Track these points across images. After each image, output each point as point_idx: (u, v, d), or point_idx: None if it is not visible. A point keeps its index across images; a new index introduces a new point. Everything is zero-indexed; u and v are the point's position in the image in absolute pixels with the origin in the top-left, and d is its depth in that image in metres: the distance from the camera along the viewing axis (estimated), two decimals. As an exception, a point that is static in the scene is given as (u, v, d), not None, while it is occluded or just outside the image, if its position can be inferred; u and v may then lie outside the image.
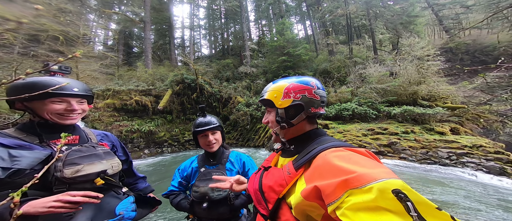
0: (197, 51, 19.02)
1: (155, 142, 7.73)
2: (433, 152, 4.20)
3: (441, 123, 5.00)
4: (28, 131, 0.71)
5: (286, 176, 0.49)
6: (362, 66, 8.53)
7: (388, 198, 0.30)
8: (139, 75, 9.95)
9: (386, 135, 5.22)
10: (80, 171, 0.70)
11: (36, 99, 0.68)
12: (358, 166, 0.36)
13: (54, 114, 0.72)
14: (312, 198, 0.40)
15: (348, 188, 0.34)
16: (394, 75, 6.93)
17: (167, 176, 4.63)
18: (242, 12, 15.15)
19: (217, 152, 1.06)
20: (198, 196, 0.94)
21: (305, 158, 0.48)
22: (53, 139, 0.73)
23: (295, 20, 20.86)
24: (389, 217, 0.29)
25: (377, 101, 6.59)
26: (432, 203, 0.30)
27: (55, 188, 0.66)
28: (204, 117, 1.05)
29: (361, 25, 12.83)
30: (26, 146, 0.66)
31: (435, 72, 6.21)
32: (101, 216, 0.71)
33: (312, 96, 0.55)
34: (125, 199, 0.81)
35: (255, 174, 0.63)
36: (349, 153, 0.42)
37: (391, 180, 0.32)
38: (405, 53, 7.05)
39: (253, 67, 12.28)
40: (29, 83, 0.68)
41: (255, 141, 8.25)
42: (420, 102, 5.79)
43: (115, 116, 7.38)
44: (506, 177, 3.16)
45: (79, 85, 0.78)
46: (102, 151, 0.81)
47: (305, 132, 0.57)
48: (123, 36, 13.85)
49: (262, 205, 0.53)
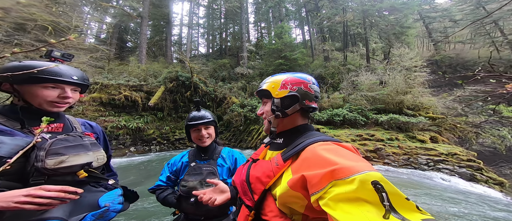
0: (194, 50, 18.91)
1: (142, 139, 7.52)
2: (413, 158, 4.41)
3: (422, 131, 5.24)
4: (9, 115, 0.64)
5: (274, 167, 0.50)
6: (355, 73, 8.76)
7: (367, 189, 0.32)
8: (131, 70, 9.74)
9: (373, 141, 5.38)
10: (64, 162, 0.63)
11: (28, 82, 0.62)
12: (344, 159, 0.38)
13: (45, 100, 0.66)
14: (297, 188, 0.41)
15: (333, 179, 0.35)
16: (383, 84, 7.16)
17: (152, 175, 4.52)
18: (242, 13, 15.25)
19: (209, 147, 1.03)
20: (186, 190, 0.90)
21: (294, 150, 0.49)
22: (36, 125, 0.66)
23: (294, 25, 21.20)
24: (366, 207, 0.31)
25: (367, 109, 6.78)
26: (402, 193, 0.33)
27: (32, 180, 0.59)
28: (199, 111, 1.03)
29: (356, 33, 13.21)
30: (6, 131, 0.60)
31: (421, 83, 6.50)
32: (80, 210, 0.64)
33: (307, 89, 0.58)
34: (112, 191, 0.76)
35: (243, 166, 0.63)
36: (336, 147, 0.43)
37: (371, 172, 0.34)
38: (395, 63, 7.32)
39: (250, 68, 12.33)
40: (27, 65, 0.62)
41: (248, 142, 8.24)
42: (405, 112, 6.03)
43: (101, 111, 7.15)
44: (475, 182, 3.45)
45: (77, 73, 0.73)
46: (89, 142, 0.75)
47: (296, 125, 0.59)
48: (117, 30, 13.56)
49: (248, 196, 0.53)
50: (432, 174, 3.88)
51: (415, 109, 6.11)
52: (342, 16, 10.99)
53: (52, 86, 0.67)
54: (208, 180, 0.81)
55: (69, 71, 0.70)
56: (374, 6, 10.28)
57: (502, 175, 3.36)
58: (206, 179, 0.89)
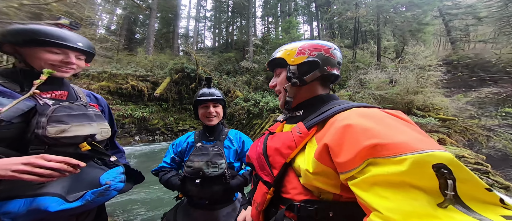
0: (200, 42, 18.97)
1: (147, 129, 7.76)
2: None
3: (431, 132, 5.00)
4: (10, 77, 0.61)
5: (296, 136, 0.42)
6: (363, 71, 8.44)
7: (424, 173, 0.23)
8: (139, 61, 9.98)
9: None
10: (66, 131, 0.59)
11: (31, 45, 0.60)
12: (392, 131, 0.28)
13: (47, 63, 0.62)
14: (326, 161, 0.33)
15: (372, 156, 0.27)
16: (393, 83, 6.86)
17: (155, 164, 4.71)
18: (249, 7, 14.95)
19: (216, 127, 0.99)
20: (191, 171, 0.85)
21: (320, 117, 0.41)
22: (40, 90, 0.61)
23: (302, 20, 20.56)
24: (412, 194, 0.23)
25: (373, 108, 6.57)
26: (482, 182, 0.24)
27: (31, 149, 0.55)
28: (209, 88, 0.99)
29: (368, 30, 12.60)
30: (6, 93, 0.56)
31: (434, 83, 6.16)
32: (79, 187, 0.60)
33: (329, 55, 0.50)
34: (114, 169, 0.71)
35: (258, 140, 0.55)
36: (382, 114, 0.33)
37: (438, 152, 0.24)
38: (408, 62, 6.94)
39: (255, 63, 12.22)
40: (31, 29, 0.60)
41: (250, 136, 8.32)
42: (414, 112, 5.76)
43: (108, 99, 7.44)
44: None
45: (83, 40, 0.70)
46: (93, 113, 0.70)
47: (317, 94, 0.51)
48: (127, 22, 13.83)
49: (266, 171, 0.45)
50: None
51: (425, 110, 5.83)
52: (355, 12, 10.48)
53: (57, 51, 0.64)
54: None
55: (74, 37, 0.67)
56: (390, 1, 9.67)
57: (508, 179, 3.18)
58: (212, 160, 0.84)
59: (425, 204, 0.23)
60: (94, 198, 0.59)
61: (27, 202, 0.51)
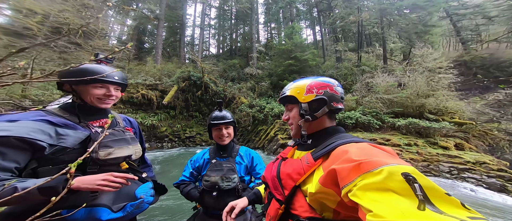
0: (205, 50, 19.51)
1: (156, 136, 7.96)
2: (434, 165, 4.07)
3: (446, 137, 4.79)
4: (70, 112, 0.75)
5: (305, 165, 0.51)
6: (369, 75, 8.33)
7: (396, 180, 0.31)
8: (148, 70, 10.37)
9: (388, 146, 5.07)
10: (111, 153, 0.73)
11: (82, 83, 0.73)
12: (373, 156, 0.38)
13: (95, 97, 0.77)
14: (328, 185, 0.42)
15: (361, 172, 0.35)
16: (402, 86, 6.71)
17: (166, 171, 4.75)
18: (252, 14, 15.39)
19: (228, 146, 1.11)
20: (208, 185, 0.98)
21: (324, 150, 0.49)
22: (90, 120, 0.78)
23: (304, 25, 20.80)
24: (395, 197, 0.30)
25: (382, 112, 6.41)
26: (441, 188, 0.30)
27: (89, 168, 0.69)
28: (220, 111, 1.10)
29: (372, 33, 12.54)
30: (70, 125, 0.70)
31: (446, 86, 5.95)
32: (120, 198, 0.74)
33: (333, 92, 0.59)
34: (145, 184, 0.84)
35: (273, 163, 0.65)
36: (369, 146, 0.43)
37: (402, 165, 0.33)
38: (416, 64, 6.81)
39: (259, 69, 12.38)
40: (80, 69, 0.73)
41: (255, 142, 8.28)
42: (427, 116, 5.56)
43: (121, 108, 7.73)
44: (506, 194, 3.12)
45: (118, 74, 0.83)
46: (129, 136, 0.85)
47: (325, 127, 0.60)
48: (136, 32, 14.53)
49: (279, 191, 0.55)
50: (455, 183, 3.56)
51: (438, 114, 5.60)
52: (357, 16, 10.52)
53: (100, 86, 0.78)
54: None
55: (112, 73, 0.80)
56: (393, 4, 9.66)
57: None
58: (226, 175, 0.97)
59: (408, 206, 0.29)
60: (132, 210, 0.72)
61: (87, 211, 0.66)
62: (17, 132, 0.58)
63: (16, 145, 0.58)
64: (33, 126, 0.62)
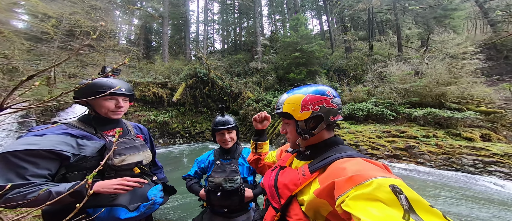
0: (210, 46, 19.45)
1: (168, 132, 8.24)
2: (456, 159, 3.83)
3: (470, 128, 4.47)
4: (86, 123, 0.85)
5: (301, 177, 0.53)
6: (382, 64, 7.89)
7: (384, 191, 0.35)
8: (157, 69, 10.61)
9: (404, 138, 4.86)
10: (124, 160, 0.82)
11: (94, 97, 0.83)
12: (364, 169, 0.41)
13: (108, 109, 0.86)
14: (323, 196, 0.45)
15: (354, 184, 0.38)
16: (419, 75, 6.29)
17: (179, 166, 4.93)
18: (255, 6, 14.94)
19: (231, 148, 1.16)
20: (213, 185, 1.03)
21: (321, 164, 0.51)
22: (104, 130, 0.87)
23: (310, 15, 19.90)
24: (383, 206, 0.33)
25: (397, 102, 6.10)
26: (425, 201, 0.33)
27: (106, 173, 0.79)
28: (223, 116, 1.15)
29: (385, 20, 11.72)
30: (88, 136, 0.80)
31: (471, 72, 5.46)
32: (135, 199, 0.83)
33: (330, 106, 0.57)
34: (155, 187, 0.92)
35: (271, 171, 0.67)
36: (362, 161, 0.46)
37: (390, 178, 0.37)
38: (435, 51, 6.31)
39: (264, 63, 12.18)
40: (92, 85, 0.82)
41: (263, 136, 8.31)
42: (448, 105, 5.20)
43: (135, 106, 8.06)
44: None
45: (125, 85, 0.91)
46: (139, 143, 0.93)
47: (323, 140, 0.59)
48: (143, 31, 14.77)
49: (275, 199, 0.58)
50: (480, 178, 3.34)
51: (462, 103, 5.21)
52: (367, 3, 9.82)
53: (110, 98, 0.86)
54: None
55: (118, 84, 0.87)
56: (408, -14, 8.87)
57: None
58: (229, 176, 1.03)
59: (395, 215, 0.31)
60: (145, 210, 0.82)
61: (108, 210, 0.76)
62: (45, 145, 0.67)
63: (46, 156, 0.68)
64: (58, 139, 0.71)
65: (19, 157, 0.63)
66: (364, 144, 5.12)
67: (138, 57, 11.01)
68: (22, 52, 5.15)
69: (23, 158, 0.64)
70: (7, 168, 0.62)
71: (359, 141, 5.24)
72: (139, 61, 11.09)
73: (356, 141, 5.25)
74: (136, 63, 10.48)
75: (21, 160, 0.64)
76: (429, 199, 2.65)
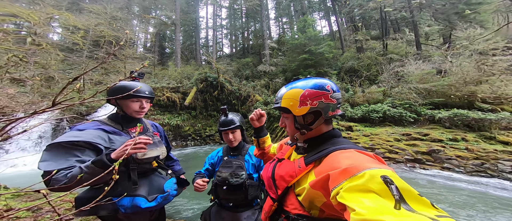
0: (219, 51, 20.03)
1: (181, 135, 8.57)
2: (491, 164, 3.44)
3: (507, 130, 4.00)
4: (115, 121, 0.98)
5: (297, 169, 0.54)
6: (399, 63, 7.48)
7: (376, 182, 0.36)
8: (170, 74, 11.16)
9: (427, 141, 4.50)
10: (145, 154, 0.92)
11: (123, 98, 0.96)
12: (357, 161, 0.42)
13: (133, 110, 0.97)
14: (317, 188, 0.46)
15: (347, 176, 0.39)
16: (443, 74, 5.85)
17: (191, 167, 5.13)
18: (262, 10, 15.17)
19: (238, 146, 1.22)
20: (220, 180, 1.09)
21: (316, 156, 0.52)
22: (129, 127, 1.00)
23: (318, 16, 19.66)
24: (375, 197, 0.34)
25: (417, 103, 5.70)
26: (414, 190, 0.35)
27: (131, 166, 0.89)
28: (227, 117, 1.18)
29: (399, 18, 11.17)
30: (117, 132, 0.92)
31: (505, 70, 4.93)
32: (153, 191, 0.93)
33: (329, 101, 0.56)
34: (170, 180, 1.01)
35: (269, 164, 0.70)
36: (355, 153, 0.47)
37: (382, 169, 0.38)
38: (460, 48, 5.84)
39: (272, 65, 12.21)
40: (121, 86, 0.95)
41: (272, 139, 8.26)
42: (478, 105, 4.73)
43: (151, 110, 8.54)
44: None
45: (148, 88, 1.03)
46: (157, 140, 1.04)
47: (321, 133, 0.60)
48: (158, 39, 15.74)
49: (273, 190, 0.61)
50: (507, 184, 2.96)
51: (495, 103, 4.71)
52: (378, 2, 9.46)
53: (136, 100, 0.97)
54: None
55: (144, 88, 0.99)
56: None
57: None
58: (235, 172, 1.09)
59: (387, 205, 0.32)
60: (161, 201, 0.90)
61: (130, 200, 0.85)
62: (85, 137, 0.80)
63: (86, 146, 0.80)
64: (95, 133, 0.84)
65: (66, 146, 0.76)
66: (380, 147, 4.83)
67: (154, 63, 11.72)
68: (57, 62, 5.78)
69: (69, 147, 0.77)
70: (58, 155, 0.75)
71: (374, 144, 4.96)
72: (154, 67, 11.80)
73: (371, 144, 4.98)
74: (152, 69, 11.15)
75: (68, 148, 0.76)
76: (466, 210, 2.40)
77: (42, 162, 0.72)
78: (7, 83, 4.06)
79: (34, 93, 4.25)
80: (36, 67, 4.82)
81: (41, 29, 5.33)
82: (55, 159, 0.73)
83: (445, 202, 2.62)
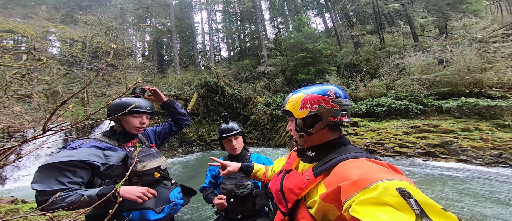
0: (217, 55, 20.00)
1: (186, 141, 8.46)
2: (510, 154, 3.37)
3: (519, 118, 3.96)
4: (110, 136, 0.97)
5: (306, 181, 0.53)
6: (398, 56, 7.51)
7: (392, 195, 0.33)
8: (171, 81, 11.04)
9: (438, 133, 4.44)
10: (145, 166, 0.93)
11: (125, 114, 0.95)
12: (369, 171, 0.40)
13: (134, 126, 0.98)
14: (329, 200, 0.44)
15: (359, 188, 0.37)
16: (444, 63, 5.85)
17: (198, 173, 5.00)
18: (256, 12, 15.25)
19: (240, 154, 1.18)
20: (225, 192, 1.05)
21: (325, 166, 0.51)
22: (125, 142, 0.99)
23: (312, 14, 19.87)
24: (393, 211, 0.31)
25: (422, 94, 5.68)
26: (437, 204, 0.31)
27: (133, 179, 0.89)
28: (227, 123, 1.16)
29: (393, 11, 11.30)
30: (111, 148, 0.91)
31: (508, 55, 4.94)
32: (160, 202, 0.94)
33: (329, 106, 0.56)
34: (175, 189, 0.99)
35: (277, 176, 0.68)
36: (366, 162, 0.45)
37: (396, 180, 0.35)
38: (458, 37, 5.87)
39: (271, 66, 12.19)
40: (123, 103, 0.95)
41: (276, 140, 8.16)
42: (487, 93, 4.70)
43: (155, 118, 8.40)
44: None
45: (148, 104, 1.03)
46: (154, 151, 1.04)
47: (326, 141, 0.59)
48: (155, 46, 15.65)
49: (282, 204, 0.59)
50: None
51: (505, 89, 4.69)
52: None
53: (137, 116, 0.98)
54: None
55: (145, 104, 1.00)
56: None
57: None
58: (240, 182, 1.05)
59: (404, 218, 0.30)
60: (169, 211, 0.91)
61: (139, 213, 0.86)
62: (78, 156, 0.78)
63: (80, 166, 0.78)
64: (88, 151, 0.83)
65: (59, 167, 0.74)
66: (389, 141, 4.76)
67: (154, 72, 11.59)
68: (60, 76, 5.68)
69: (62, 167, 0.75)
70: (50, 176, 0.73)
71: (382, 138, 4.89)
72: (154, 76, 11.66)
73: (379, 138, 4.91)
74: (152, 78, 11.02)
75: (60, 169, 0.75)
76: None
77: (34, 183, 0.71)
78: (13, 101, 3.94)
79: (40, 109, 4.14)
80: (39, 83, 4.73)
81: (39, 43, 5.22)
82: (46, 181, 0.72)
83: (478, 196, 2.48)
